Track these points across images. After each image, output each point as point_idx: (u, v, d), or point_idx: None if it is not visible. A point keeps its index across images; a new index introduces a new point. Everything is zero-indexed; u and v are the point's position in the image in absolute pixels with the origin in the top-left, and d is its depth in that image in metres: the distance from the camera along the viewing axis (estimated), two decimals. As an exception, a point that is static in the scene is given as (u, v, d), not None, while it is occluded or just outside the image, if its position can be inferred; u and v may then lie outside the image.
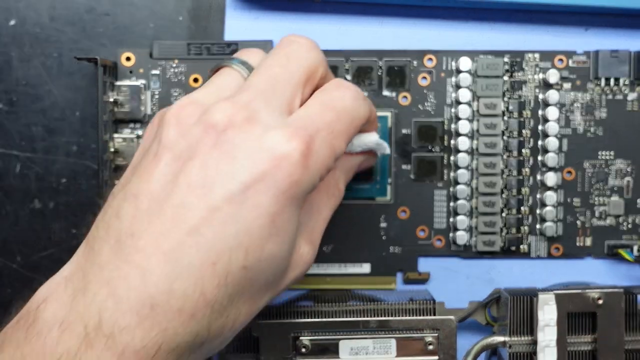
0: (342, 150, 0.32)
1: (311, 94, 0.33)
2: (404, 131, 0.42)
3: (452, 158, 0.42)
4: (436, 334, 0.39)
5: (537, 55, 0.42)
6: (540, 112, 0.42)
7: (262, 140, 0.29)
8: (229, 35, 0.43)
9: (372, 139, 0.37)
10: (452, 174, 0.42)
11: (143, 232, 0.28)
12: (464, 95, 0.42)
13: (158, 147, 0.30)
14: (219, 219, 0.29)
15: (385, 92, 0.42)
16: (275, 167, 0.29)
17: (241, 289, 0.30)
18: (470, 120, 0.42)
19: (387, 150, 0.38)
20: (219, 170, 0.29)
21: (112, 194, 0.31)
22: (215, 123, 0.30)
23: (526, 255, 0.43)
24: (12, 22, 0.42)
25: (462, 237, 0.42)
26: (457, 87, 0.42)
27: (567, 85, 0.42)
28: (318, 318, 0.39)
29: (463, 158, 0.42)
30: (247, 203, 0.29)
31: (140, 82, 0.42)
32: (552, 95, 0.42)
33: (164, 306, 0.28)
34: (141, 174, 0.30)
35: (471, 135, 0.42)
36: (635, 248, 0.42)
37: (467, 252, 0.43)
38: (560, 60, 0.42)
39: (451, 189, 0.43)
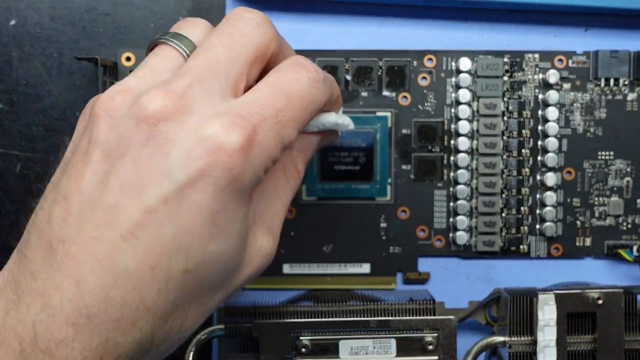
0: (292, 138, 0.29)
1: (262, 74, 0.30)
2: (404, 131, 0.42)
3: (452, 158, 0.42)
4: (436, 334, 0.39)
5: (537, 56, 0.42)
6: (540, 112, 0.42)
7: (198, 132, 0.27)
8: (229, 35, 0.43)
9: (330, 119, 0.33)
10: (452, 174, 0.42)
11: (75, 237, 0.26)
12: (464, 95, 0.42)
13: (88, 144, 0.28)
14: (155, 221, 0.26)
15: (385, 92, 0.42)
16: (213, 161, 0.26)
17: (185, 294, 0.28)
18: (470, 121, 0.42)
19: (351, 126, 0.35)
20: (152, 168, 0.26)
21: (43, 196, 0.29)
22: (147, 115, 0.27)
23: (526, 255, 0.43)
24: (13, 22, 0.42)
25: (462, 237, 0.42)
26: (457, 87, 0.42)
27: (567, 86, 0.42)
28: (318, 318, 0.39)
29: (463, 158, 0.42)
30: (184, 202, 0.26)
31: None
32: (552, 95, 0.42)
33: (101, 316, 0.26)
34: (71, 173, 0.28)
35: (471, 136, 0.42)
36: (635, 248, 0.42)
37: (467, 252, 0.43)
38: (560, 60, 0.42)
39: (451, 189, 0.43)
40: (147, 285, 0.27)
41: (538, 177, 0.43)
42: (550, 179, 0.42)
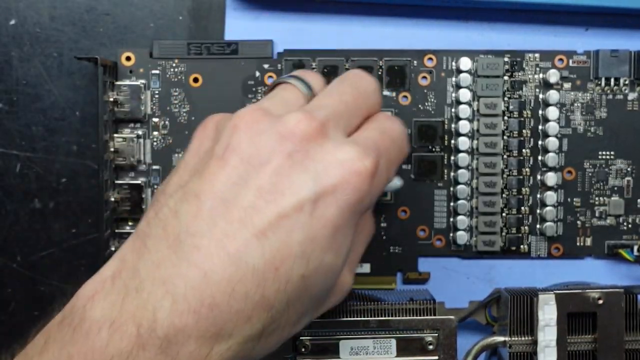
0: (391, 175, 0.33)
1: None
2: (404, 131, 0.42)
3: (452, 158, 0.42)
4: (436, 334, 0.39)
5: (537, 55, 0.42)
6: (540, 112, 0.42)
7: (336, 154, 0.30)
8: (229, 35, 0.43)
9: (399, 183, 0.37)
10: (452, 174, 0.42)
11: (206, 232, 0.28)
12: (464, 95, 0.42)
13: (225, 150, 0.30)
14: (286, 226, 0.29)
15: (385, 92, 0.42)
16: (347, 181, 0.30)
17: (296, 298, 0.30)
18: (471, 120, 0.42)
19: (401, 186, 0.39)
20: (291, 179, 0.29)
21: (162, 193, 0.31)
22: (293, 133, 0.30)
23: (526, 255, 0.43)
24: (13, 22, 0.42)
25: (462, 237, 0.42)
26: (457, 87, 0.42)
27: (567, 85, 0.42)
28: (318, 318, 0.39)
29: (463, 158, 0.42)
30: (315, 213, 0.29)
31: (140, 82, 0.42)
32: (552, 95, 0.42)
33: (223, 307, 0.28)
34: (203, 175, 0.30)
35: (471, 135, 0.42)
36: (635, 248, 0.42)
37: (467, 252, 0.43)
38: (561, 60, 0.42)
39: (451, 189, 0.43)
40: (269, 283, 0.28)
41: (538, 177, 0.43)
42: (551, 178, 0.42)
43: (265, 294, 0.28)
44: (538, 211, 0.43)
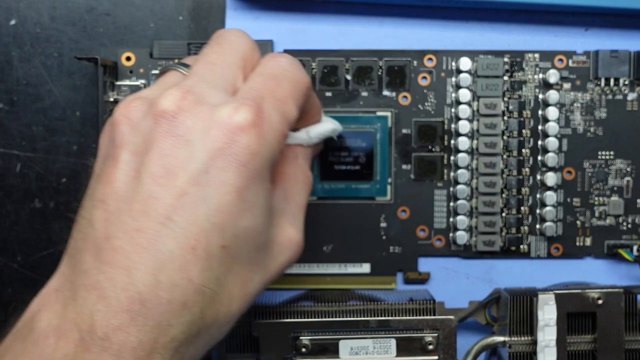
0: (293, 115, 0.32)
1: None
2: (404, 131, 0.42)
3: (452, 158, 0.42)
4: (436, 334, 0.39)
5: (537, 55, 0.42)
6: (540, 112, 0.42)
7: (212, 117, 0.29)
8: (229, 35, 0.43)
9: (327, 127, 0.37)
10: (452, 174, 0.42)
11: (117, 232, 0.29)
12: (464, 95, 0.42)
13: (114, 148, 0.30)
14: (188, 203, 0.29)
15: (385, 92, 0.42)
16: (231, 140, 0.29)
17: (226, 270, 0.30)
18: (470, 120, 0.42)
19: (340, 128, 0.39)
20: (177, 156, 0.29)
21: (81, 207, 0.31)
22: (165, 110, 0.30)
23: (526, 255, 0.43)
24: (13, 22, 0.42)
25: (462, 237, 0.42)
26: (457, 87, 0.42)
27: (567, 85, 0.42)
28: (318, 318, 0.39)
29: (463, 158, 0.42)
30: (212, 182, 0.29)
31: (141, 82, 0.42)
32: (552, 95, 0.42)
33: (153, 300, 0.28)
34: (102, 178, 0.30)
35: (471, 135, 0.42)
36: (635, 248, 0.42)
37: (467, 252, 0.43)
38: (560, 60, 0.42)
39: (451, 189, 0.43)
40: (191, 265, 0.28)
41: (538, 177, 0.43)
42: (551, 178, 0.42)
43: (190, 276, 0.28)
44: (538, 211, 0.43)
